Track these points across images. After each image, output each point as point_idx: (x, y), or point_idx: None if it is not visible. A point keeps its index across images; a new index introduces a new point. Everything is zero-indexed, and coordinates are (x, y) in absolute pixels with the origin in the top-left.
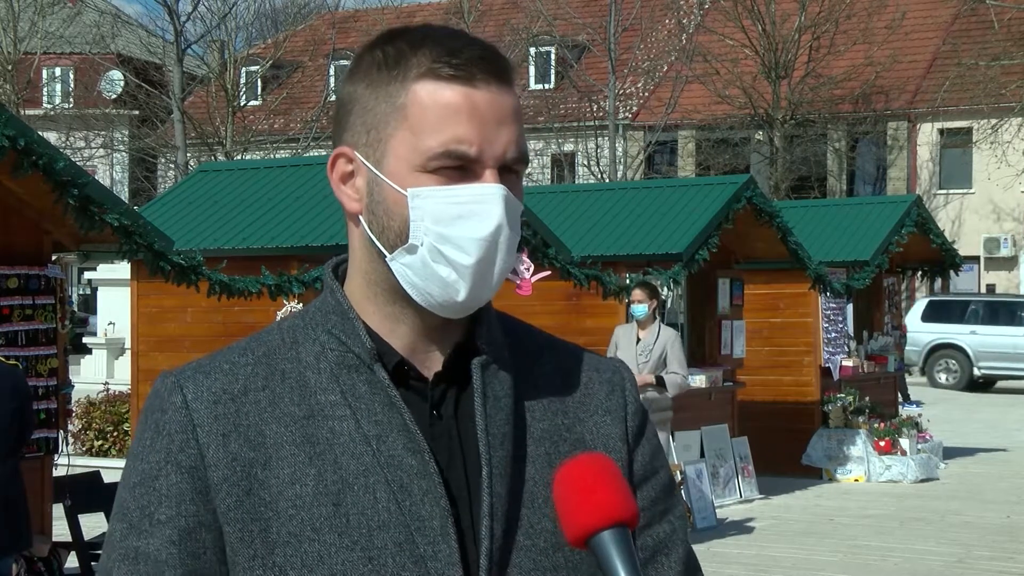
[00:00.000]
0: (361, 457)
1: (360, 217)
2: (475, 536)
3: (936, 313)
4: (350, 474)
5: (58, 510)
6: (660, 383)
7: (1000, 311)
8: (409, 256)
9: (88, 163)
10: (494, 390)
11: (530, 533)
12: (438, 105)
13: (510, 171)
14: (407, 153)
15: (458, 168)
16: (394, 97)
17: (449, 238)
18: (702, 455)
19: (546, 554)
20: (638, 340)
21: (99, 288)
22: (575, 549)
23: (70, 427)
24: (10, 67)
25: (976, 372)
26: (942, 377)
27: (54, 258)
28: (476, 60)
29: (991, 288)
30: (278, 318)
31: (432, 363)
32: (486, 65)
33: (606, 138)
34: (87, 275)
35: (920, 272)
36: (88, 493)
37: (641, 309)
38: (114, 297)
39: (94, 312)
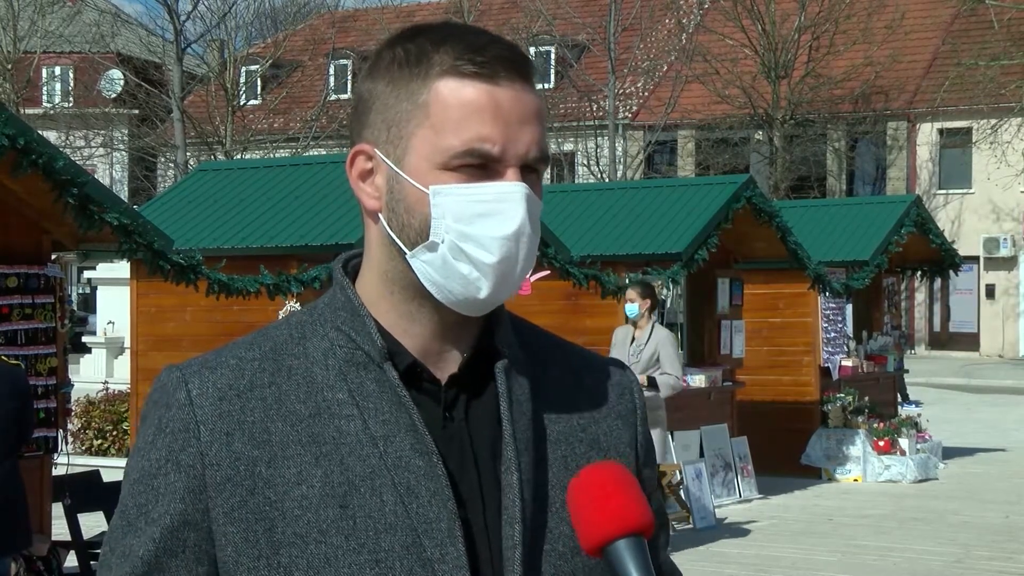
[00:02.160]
0: (368, 458)
1: (379, 215)
2: (488, 539)
3: None
4: (356, 475)
5: (57, 509)
6: (652, 384)
7: None
8: (430, 254)
9: (88, 162)
10: (516, 394)
11: (550, 538)
12: (461, 103)
13: (531, 171)
14: (429, 151)
15: (480, 167)
16: (416, 94)
17: (471, 236)
18: (701, 455)
19: (565, 559)
20: (633, 340)
21: (98, 287)
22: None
23: (69, 426)
24: (10, 66)
25: None
26: None
27: (53, 257)
28: (500, 58)
29: (991, 289)
30: (279, 318)
31: (445, 365)
32: (510, 63)
33: (606, 138)
34: (86, 274)
35: (920, 272)
36: (87, 492)
37: (632, 308)
38: (113, 296)
39: (93, 311)
